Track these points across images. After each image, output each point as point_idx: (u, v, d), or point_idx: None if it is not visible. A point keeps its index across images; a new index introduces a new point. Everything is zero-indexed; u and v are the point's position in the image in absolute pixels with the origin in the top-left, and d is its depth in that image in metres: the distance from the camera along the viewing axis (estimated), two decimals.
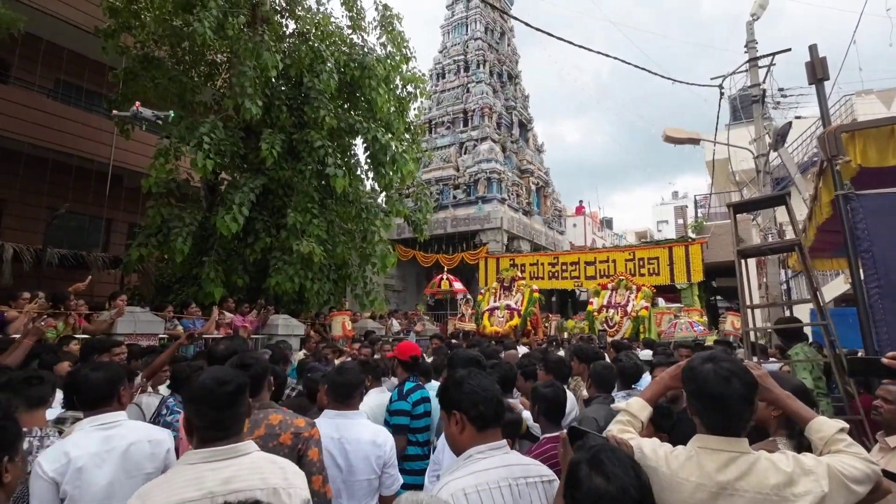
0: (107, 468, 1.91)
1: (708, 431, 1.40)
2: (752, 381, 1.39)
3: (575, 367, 3.73)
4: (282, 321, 8.62)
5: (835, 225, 3.80)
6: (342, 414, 2.45)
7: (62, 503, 1.82)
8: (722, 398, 1.36)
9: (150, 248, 9.14)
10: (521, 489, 1.50)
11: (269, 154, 9.07)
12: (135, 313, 6.49)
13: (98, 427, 2.00)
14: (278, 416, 2.12)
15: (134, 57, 10.55)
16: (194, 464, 1.48)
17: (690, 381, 1.44)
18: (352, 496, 2.36)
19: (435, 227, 19.02)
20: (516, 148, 22.67)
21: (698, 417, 1.44)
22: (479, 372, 1.69)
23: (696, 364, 1.45)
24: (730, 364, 1.41)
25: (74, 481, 1.84)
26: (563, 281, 17.51)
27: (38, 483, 1.80)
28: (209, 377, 1.58)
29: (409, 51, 12.24)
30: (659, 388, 1.72)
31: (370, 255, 11.39)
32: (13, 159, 11.46)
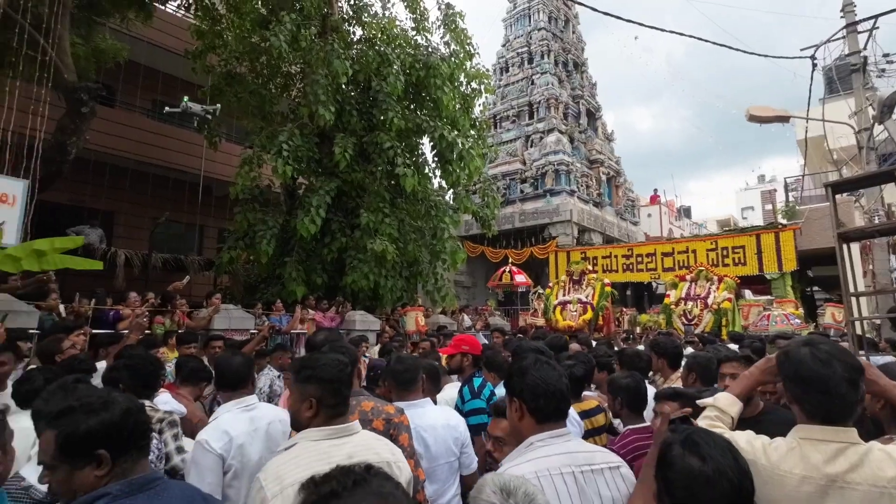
0: (256, 445, 2.16)
1: (809, 419, 1.32)
2: (856, 365, 1.29)
3: (654, 361, 3.58)
4: (359, 317, 8.99)
5: None
6: (410, 403, 2.47)
7: (224, 475, 2.07)
8: (822, 380, 1.27)
9: (239, 250, 9.86)
10: (586, 477, 1.45)
11: (342, 157, 9.48)
12: (229, 310, 7.05)
13: (242, 408, 2.26)
14: (370, 402, 2.19)
15: (218, 74, 11.40)
16: (318, 440, 1.58)
17: (786, 365, 1.37)
18: (434, 480, 2.42)
19: (503, 223, 18.95)
20: (585, 138, 22.03)
21: (798, 404, 1.35)
22: (547, 362, 1.64)
23: (792, 348, 1.38)
24: (829, 347, 1.32)
25: (238, 456, 2.09)
26: (639, 273, 16.82)
27: (207, 457, 2.04)
28: (334, 360, 1.70)
29: (472, 47, 12.30)
30: (749, 382, 1.63)
31: (440, 251, 11.58)
32: (121, 175, 12.79)
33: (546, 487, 1.37)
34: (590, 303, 10.03)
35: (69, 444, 1.17)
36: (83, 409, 1.19)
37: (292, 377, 1.70)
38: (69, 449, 1.17)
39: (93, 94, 7.49)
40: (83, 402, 1.21)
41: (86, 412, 1.19)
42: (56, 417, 1.19)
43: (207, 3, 11.35)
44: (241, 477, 2.12)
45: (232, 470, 2.10)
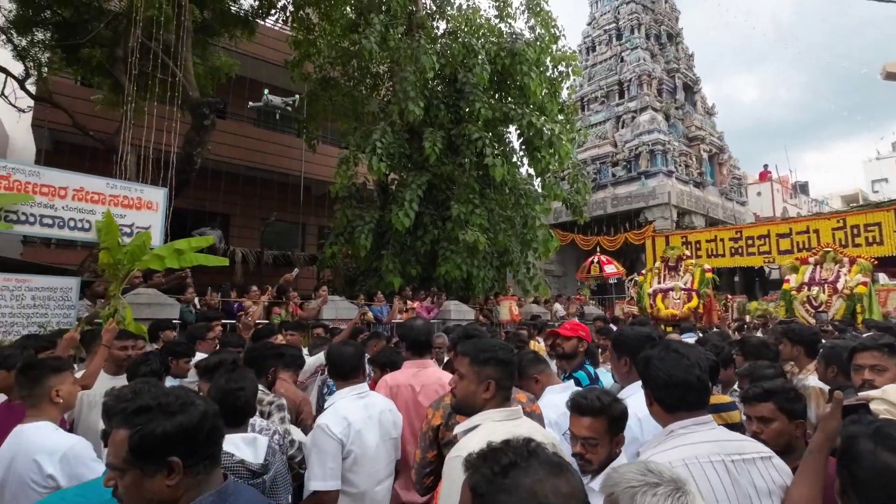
0: (372, 432, 2.24)
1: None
2: None
3: (786, 350, 3.26)
4: (453, 307, 9.17)
5: None
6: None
7: (344, 461, 2.15)
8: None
9: (339, 245, 10.45)
10: (737, 466, 1.36)
11: (431, 151, 9.68)
12: (335, 301, 7.52)
13: (356, 396, 2.33)
14: (523, 395, 2.12)
15: (314, 80, 12.11)
16: (500, 421, 1.59)
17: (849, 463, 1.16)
18: None
19: (593, 209, 18.30)
20: (682, 114, 20.57)
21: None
22: (676, 351, 1.55)
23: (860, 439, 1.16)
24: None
25: (357, 442, 2.17)
26: (749, 257, 15.49)
27: (328, 442, 2.12)
28: (507, 344, 1.78)
29: (557, 30, 11.98)
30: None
31: (531, 240, 11.46)
32: (234, 180, 14.07)
33: (696, 476, 1.29)
34: (694, 290, 9.40)
35: (142, 447, 1.05)
36: (161, 409, 1.08)
37: (467, 360, 1.71)
38: (141, 452, 1.05)
39: (213, 108, 8.31)
40: (161, 401, 1.09)
41: (164, 413, 1.08)
42: (132, 415, 1.08)
43: (302, 14, 12.07)
44: (361, 463, 2.16)
45: (351, 456, 2.15)
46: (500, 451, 0.82)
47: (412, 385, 2.53)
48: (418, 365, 2.62)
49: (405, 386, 2.53)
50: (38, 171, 4.82)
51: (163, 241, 5.56)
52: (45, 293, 4.63)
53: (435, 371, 2.65)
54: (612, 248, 18.10)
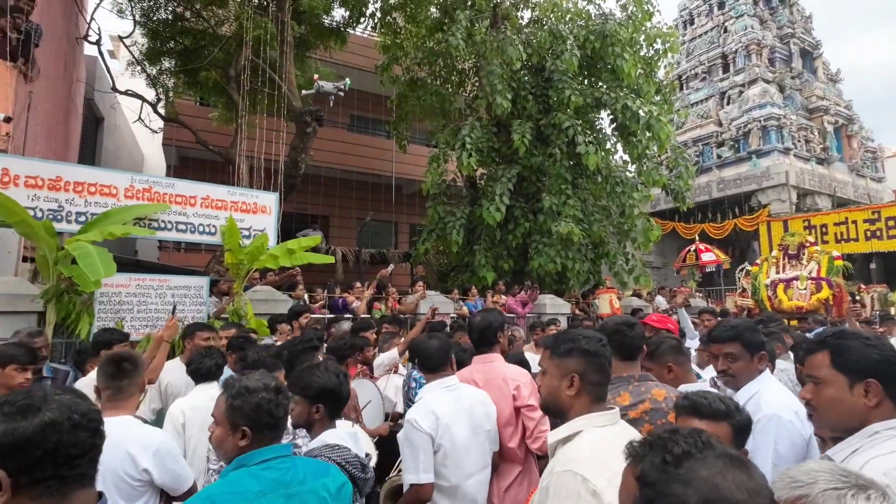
0: (462, 425, 2.20)
1: None
2: None
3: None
4: (549, 301, 8.99)
5: None
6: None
7: (435, 455, 2.13)
8: None
9: (432, 241, 10.66)
10: None
11: (520, 143, 9.55)
12: (431, 296, 7.69)
13: (445, 389, 2.30)
14: (663, 391, 1.93)
15: (402, 83, 12.45)
16: (604, 426, 1.42)
17: None
18: None
19: (696, 194, 16.99)
20: (800, 84, 18.45)
21: None
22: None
23: None
24: None
25: (446, 436, 2.14)
26: (890, 241, 13.54)
27: (419, 436, 2.11)
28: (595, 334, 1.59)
29: (651, 6, 11.26)
30: None
31: (629, 230, 10.92)
32: (332, 183, 14.91)
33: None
34: (825, 279, 8.39)
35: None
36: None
37: (547, 353, 1.56)
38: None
39: (315, 117, 8.86)
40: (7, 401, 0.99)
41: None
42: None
43: (389, 20, 12.47)
44: (451, 457, 2.13)
45: (441, 450, 2.12)
46: (670, 440, 0.75)
47: (475, 380, 2.46)
48: (484, 360, 2.55)
49: (468, 380, 2.45)
50: (173, 182, 5.44)
51: (276, 243, 6.04)
52: (181, 291, 5.20)
53: (501, 365, 2.55)
54: (719, 237, 16.73)
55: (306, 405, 1.90)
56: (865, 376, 1.35)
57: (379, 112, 15.63)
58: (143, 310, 4.99)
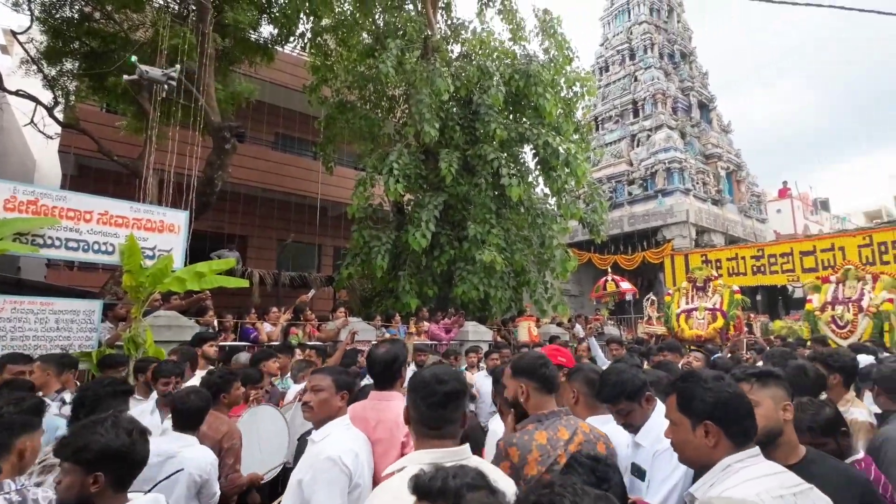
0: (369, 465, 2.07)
1: None
2: None
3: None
4: (471, 328, 9.06)
5: None
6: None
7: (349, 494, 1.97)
8: None
9: (356, 266, 10.46)
10: (799, 499, 1.31)
11: (447, 172, 9.71)
12: (353, 322, 7.47)
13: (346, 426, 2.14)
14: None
15: (331, 104, 12.32)
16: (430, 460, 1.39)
17: None
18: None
19: (610, 228, 18.13)
20: (698, 132, 20.48)
21: None
22: (721, 376, 1.50)
23: None
24: None
25: (362, 475, 2.01)
26: (772, 276, 15.17)
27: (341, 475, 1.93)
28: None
29: (570, 52, 12.08)
30: None
31: (548, 260, 11.36)
32: (251, 202, 14.27)
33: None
34: (720, 310, 9.18)
35: None
36: None
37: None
38: None
39: (234, 132, 8.47)
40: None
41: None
42: None
43: (320, 41, 12.36)
44: (363, 498, 1.97)
45: (357, 490, 1.99)
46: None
47: (367, 417, 2.23)
48: (381, 396, 2.29)
49: (361, 417, 2.24)
50: (64, 195, 4.91)
51: (184, 264, 5.61)
52: (68, 316, 4.66)
53: (398, 405, 2.20)
54: (630, 267, 17.87)
55: (79, 474, 1.45)
56: (703, 418, 1.43)
57: (306, 132, 15.31)
58: (18, 336, 4.41)
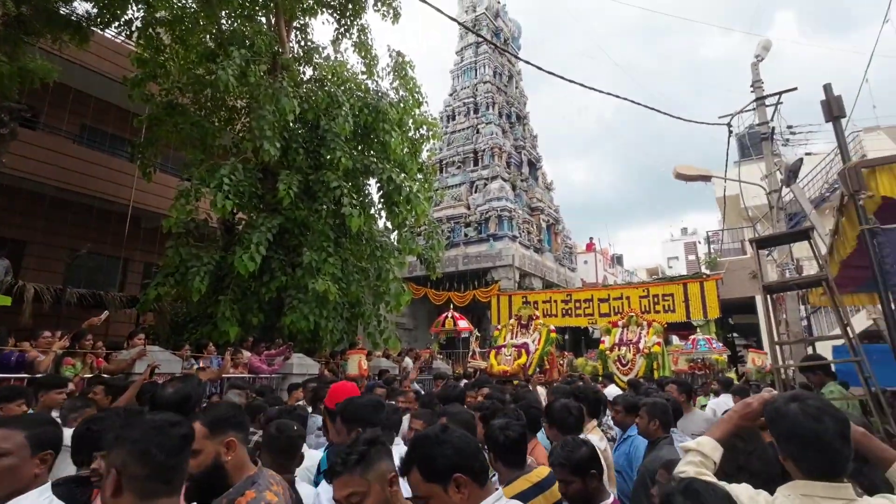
0: None
1: (807, 476, 1.31)
2: (843, 418, 1.31)
3: None
4: (296, 360, 8.58)
5: (858, 260, 3.77)
6: None
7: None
8: (817, 437, 1.28)
9: (168, 287, 9.24)
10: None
11: (286, 194, 9.27)
12: (153, 353, 6.50)
13: None
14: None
15: (158, 104, 10.98)
16: None
17: (778, 424, 1.36)
18: None
19: (447, 265, 19.07)
20: (526, 186, 22.95)
21: (793, 462, 1.34)
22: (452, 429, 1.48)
23: (781, 404, 1.37)
24: (816, 401, 1.34)
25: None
26: (577, 318, 17.34)
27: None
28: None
29: (420, 96, 12.66)
30: (728, 426, 1.61)
31: (384, 293, 11.42)
32: (36, 202, 11.80)
33: None
34: (524, 346, 10.09)
35: None
36: None
37: None
38: None
39: (15, 115, 6.96)
40: None
41: None
42: None
43: (152, 33, 11.04)
44: None
45: None
46: None
47: None
48: None
49: None
50: None
51: None
52: None
53: None
54: (462, 304, 18.89)
55: None
56: (451, 474, 1.37)
57: (122, 129, 13.33)
58: None
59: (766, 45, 10.72)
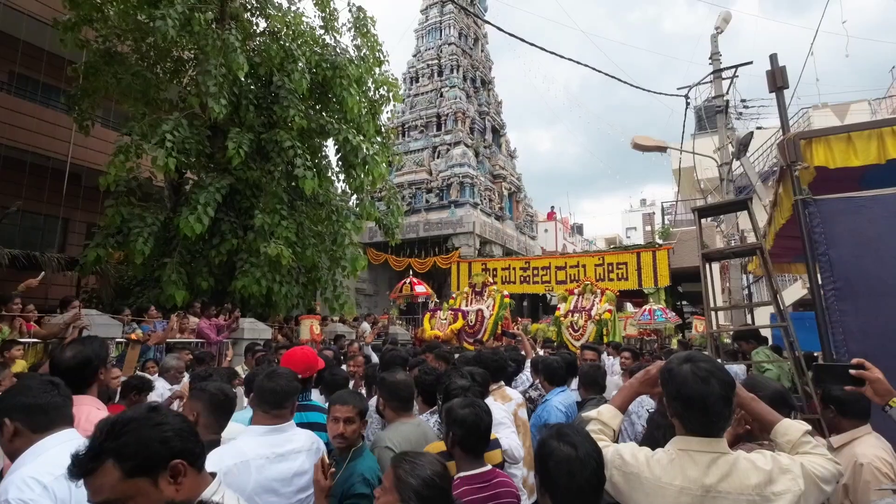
0: None
1: (688, 433, 1.39)
2: (730, 381, 1.38)
3: None
4: (248, 325, 8.39)
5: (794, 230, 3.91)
6: (274, 428, 2.03)
7: None
8: (702, 398, 1.34)
9: (109, 248, 8.78)
10: None
11: (235, 153, 8.85)
12: (91, 316, 6.20)
13: None
14: None
15: (95, 51, 10.16)
16: None
17: (669, 383, 1.42)
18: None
19: (407, 231, 18.92)
20: (489, 153, 22.81)
21: (678, 419, 1.42)
22: None
23: (675, 365, 1.43)
24: (707, 364, 1.39)
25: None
26: (535, 285, 17.64)
27: None
28: None
29: (382, 54, 12.16)
30: (629, 393, 1.69)
31: (340, 258, 11.24)
32: None
33: None
34: (462, 311, 10.19)
35: None
36: None
37: None
38: None
39: None
40: None
41: None
42: None
43: None
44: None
45: None
46: None
47: None
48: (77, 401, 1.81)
49: None
50: None
51: None
52: None
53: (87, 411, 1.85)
54: (422, 271, 18.90)
55: None
56: (167, 462, 1.09)
57: (56, 77, 12.28)
58: None
59: (727, 18, 10.81)
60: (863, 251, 3.03)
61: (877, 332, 2.89)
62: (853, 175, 3.58)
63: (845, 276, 3.01)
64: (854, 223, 3.11)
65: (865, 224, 3.05)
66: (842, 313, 2.97)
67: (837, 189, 3.38)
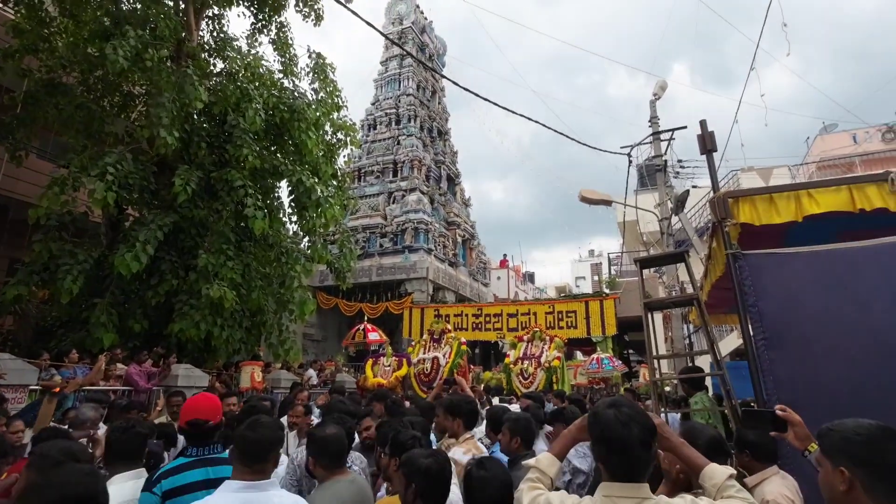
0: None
1: (611, 478, 1.40)
2: (650, 426, 1.40)
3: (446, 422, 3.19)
4: (183, 371, 7.86)
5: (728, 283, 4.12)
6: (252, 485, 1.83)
7: None
8: (622, 442, 1.36)
9: (32, 286, 8.14)
10: None
11: (182, 190, 8.57)
12: (3, 361, 5.64)
13: None
14: None
15: (37, 80, 9.78)
16: None
17: (595, 427, 1.44)
18: None
19: (360, 276, 18.69)
20: (444, 200, 23.22)
21: (602, 464, 1.44)
22: None
23: (600, 409, 1.45)
24: (630, 409, 1.42)
25: None
26: (487, 332, 17.66)
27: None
28: None
29: (340, 99, 12.34)
30: (567, 441, 1.68)
31: (288, 301, 10.88)
32: None
33: None
34: (406, 356, 10.06)
35: None
36: None
37: None
38: None
39: None
40: None
41: None
42: None
43: (34, 1, 9.83)
44: None
45: None
46: None
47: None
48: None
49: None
50: None
51: None
52: None
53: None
54: (374, 316, 18.56)
55: None
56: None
57: None
58: None
59: (663, 86, 11.75)
60: (788, 303, 3.22)
61: (805, 380, 3.04)
62: (778, 231, 3.86)
63: (774, 326, 3.18)
64: (779, 277, 3.32)
65: (789, 278, 3.26)
66: (772, 362, 3.11)
67: (766, 245, 3.62)
